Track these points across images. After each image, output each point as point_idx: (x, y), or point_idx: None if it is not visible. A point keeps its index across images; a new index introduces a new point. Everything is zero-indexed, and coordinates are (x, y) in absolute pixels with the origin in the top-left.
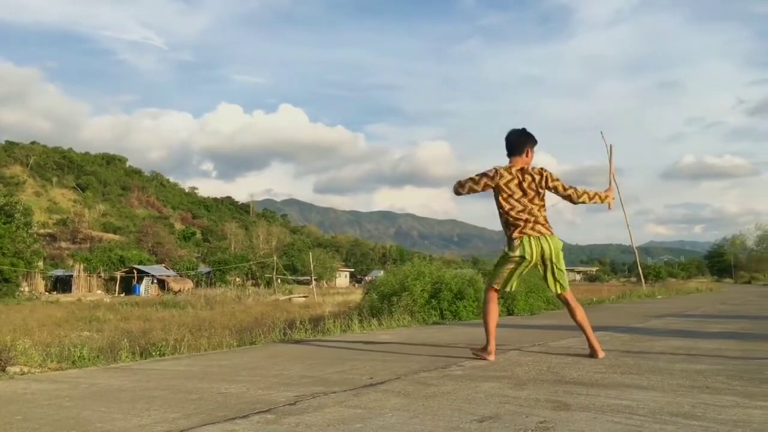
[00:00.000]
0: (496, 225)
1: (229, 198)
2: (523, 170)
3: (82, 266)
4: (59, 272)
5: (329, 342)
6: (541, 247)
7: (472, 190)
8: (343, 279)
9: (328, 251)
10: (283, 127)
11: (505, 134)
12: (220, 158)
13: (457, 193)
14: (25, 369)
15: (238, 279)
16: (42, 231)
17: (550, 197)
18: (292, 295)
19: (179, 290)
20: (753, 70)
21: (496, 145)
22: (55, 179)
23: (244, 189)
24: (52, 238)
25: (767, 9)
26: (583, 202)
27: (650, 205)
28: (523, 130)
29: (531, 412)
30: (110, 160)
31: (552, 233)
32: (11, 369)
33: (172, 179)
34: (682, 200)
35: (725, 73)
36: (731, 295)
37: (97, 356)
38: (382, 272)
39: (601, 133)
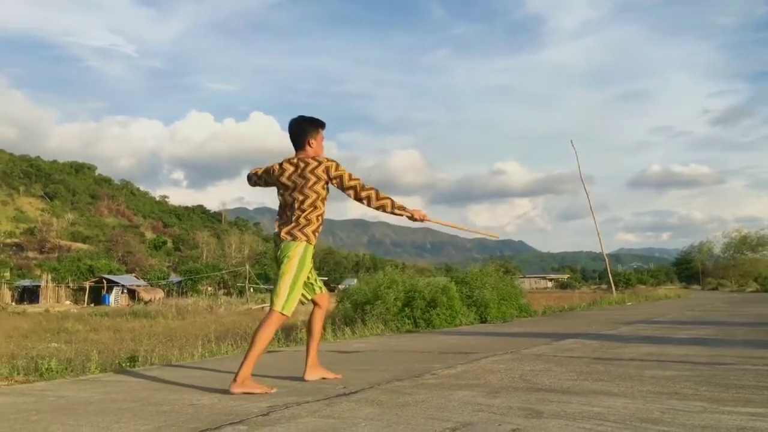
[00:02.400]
0: (467, 233)
1: (200, 206)
2: (302, 158)
3: (50, 276)
4: (26, 282)
5: (302, 351)
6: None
7: (257, 185)
8: None
9: None
10: (255, 135)
11: (469, 142)
12: (190, 166)
13: (250, 183)
14: None
15: (210, 288)
16: (8, 240)
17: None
18: (264, 305)
19: (150, 300)
20: (716, 81)
21: (465, 153)
22: (22, 188)
23: (215, 197)
24: (19, 247)
25: (729, 21)
26: (380, 208)
27: (619, 213)
28: (302, 117)
29: (504, 419)
30: (79, 168)
31: (294, 238)
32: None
33: (142, 188)
34: (650, 208)
35: (689, 83)
36: (699, 301)
37: (66, 368)
38: (355, 281)
39: (572, 141)
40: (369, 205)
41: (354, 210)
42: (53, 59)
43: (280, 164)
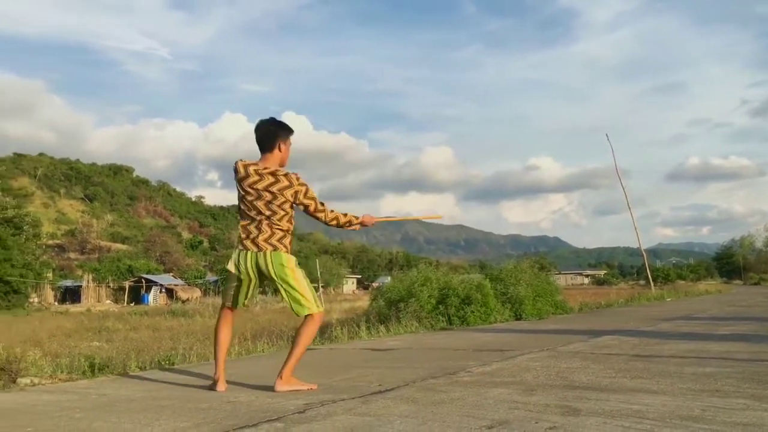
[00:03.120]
0: (502, 229)
1: (235, 206)
2: (273, 172)
3: (90, 276)
4: (68, 283)
5: (337, 349)
6: (257, 263)
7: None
8: (350, 286)
9: (335, 258)
10: None
11: (502, 138)
12: (225, 167)
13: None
14: (36, 380)
15: None
16: (51, 242)
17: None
18: None
19: (187, 299)
20: (755, 71)
21: (498, 149)
22: (63, 190)
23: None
24: (61, 249)
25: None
26: (333, 223)
27: (657, 208)
28: (272, 120)
29: (540, 417)
30: (117, 171)
31: (275, 248)
32: (22, 380)
33: (178, 189)
34: (689, 202)
35: (728, 74)
36: (740, 296)
37: (107, 366)
38: (389, 278)
39: (607, 135)
40: (323, 221)
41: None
42: (90, 64)
43: (245, 166)
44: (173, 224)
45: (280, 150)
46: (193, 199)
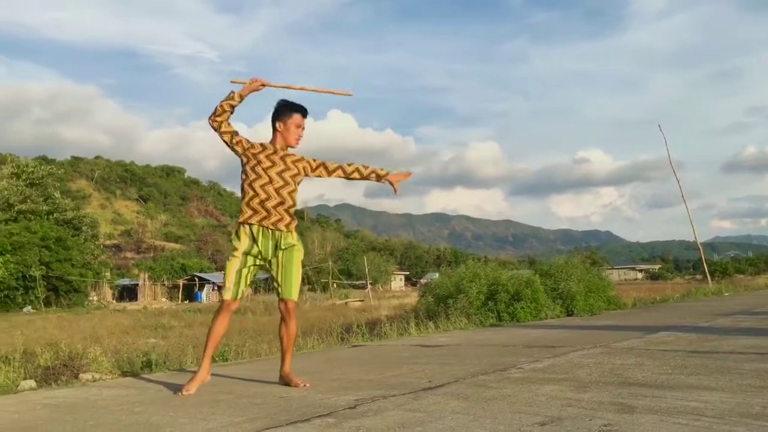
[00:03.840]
0: (552, 224)
1: None
2: (283, 156)
3: (146, 275)
4: (125, 281)
5: (386, 346)
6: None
7: (224, 128)
8: (398, 282)
9: (383, 255)
10: (333, 132)
11: (550, 132)
12: None
13: (214, 123)
14: (97, 376)
15: None
16: (108, 242)
17: None
18: (348, 300)
19: None
20: None
21: (546, 143)
22: (118, 192)
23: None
24: (118, 248)
25: None
26: (356, 178)
27: (713, 199)
28: (281, 100)
29: (594, 414)
30: (169, 172)
31: (293, 234)
32: (83, 376)
33: (228, 188)
34: (746, 193)
35: None
36: None
37: (164, 362)
38: (437, 275)
39: (659, 126)
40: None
41: (434, 204)
42: (142, 68)
43: (256, 144)
44: (224, 223)
45: (278, 129)
46: None
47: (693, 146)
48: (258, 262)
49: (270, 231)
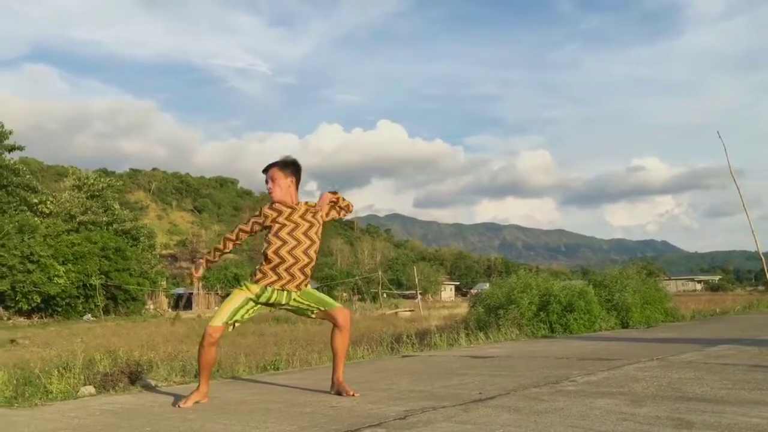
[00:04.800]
0: (605, 234)
1: None
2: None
3: (200, 284)
4: (180, 290)
5: (436, 356)
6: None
7: (239, 240)
8: (448, 292)
9: (432, 265)
10: (382, 142)
11: (603, 139)
12: (322, 176)
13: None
14: (153, 382)
15: (344, 294)
16: (164, 252)
17: None
18: (397, 309)
19: None
20: None
21: (599, 151)
22: (174, 203)
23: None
24: (173, 258)
25: None
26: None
27: None
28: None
29: (651, 430)
30: (223, 183)
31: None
32: (140, 383)
33: None
34: None
35: None
36: None
37: (217, 370)
38: (487, 285)
39: (718, 132)
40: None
41: (484, 213)
42: (197, 82)
43: (268, 211)
44: None
45: (268, 183)
46: None
47: (754, 153)
48: (261, 308)
49: (286, 292)
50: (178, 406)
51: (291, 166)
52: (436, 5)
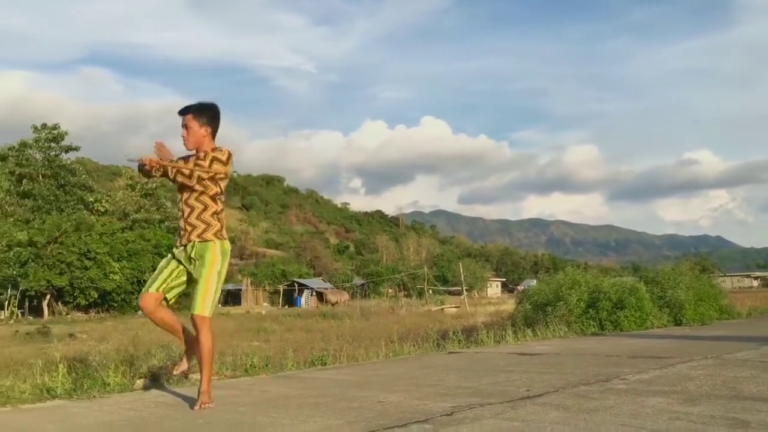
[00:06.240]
0: (657, 229)
1: (378, 212)
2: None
3: (249, 280)
4: (229, 286)
5: (483, 353)
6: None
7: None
8: (494, 289)
9: (478, 261)
10: (426, 139)
11: (653, 132)
12: (367, 173)
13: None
14: None
15: (390, 290)
16: None
17: None
18: (443, 306)
19: (336, 302)
20: None
21: (649, 144)
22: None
23: (391, 202)
24: None
25: None
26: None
27: None
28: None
29: (705, 429)
30: (270, 181)
31: (204, 239)
32: (193, 376)
33: (325, 196)
34: None
35: None
36: None
37: (266, 365)
38: (534, 281)
39: None
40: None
41: (531, 209)
42: (244, 82)
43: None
44: (321, 230)
45: (184, 128)
46: (339, 206)
47: None
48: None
49: (186, 246)
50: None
51: (207, 114)
52: (478, 1)
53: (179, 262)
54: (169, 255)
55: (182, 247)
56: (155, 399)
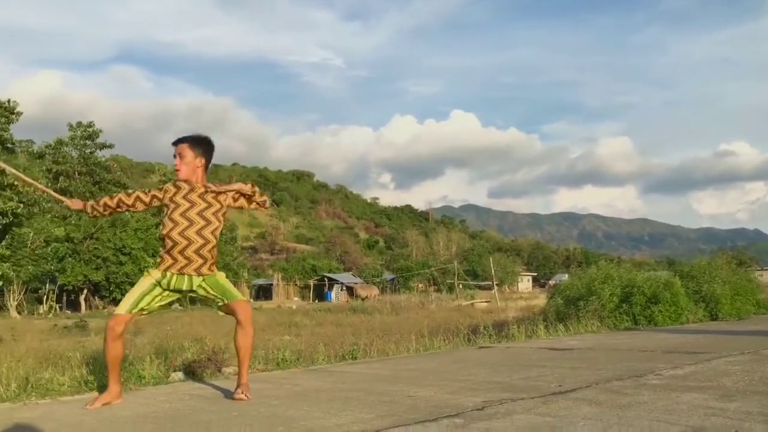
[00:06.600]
0: (692, 223)
1: (408, 206)
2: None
3: (280, 275)
4: (261, 281)
5: (514, 347)
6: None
7: (123, 206)
8: (525, 283)
9: (509, 255)
10: (456, 133)
11: (688, 124)
12: (396, 168)
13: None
14: (237, 369)
15: (420, 285)
16: (245, 244)
17: None
18: (474, 301)
19: (366, 297)
20: None
21: (684, 136)
22: None
23: (421, 197)
24: (254, 250)
25: None
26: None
27: None
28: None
29: (741, 426)
30: (299, 176)
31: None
32: (226, 369)
33: (354, 191)
34: None
35: None
36: None
37: (297, 359)
38: (566, 276)
39: None
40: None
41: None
42: (273, 78)
43: (170, 186)
44: (351, 225)
45: (175, 160)
46: (369, 201)
47: None
48: (172, 295)
49: (187, 276)
50: (85, 408)
51: (203, 145)
52: None
53: (165, 290)
54: (153, 280)
55: (176, 275)
56: (189, 392)
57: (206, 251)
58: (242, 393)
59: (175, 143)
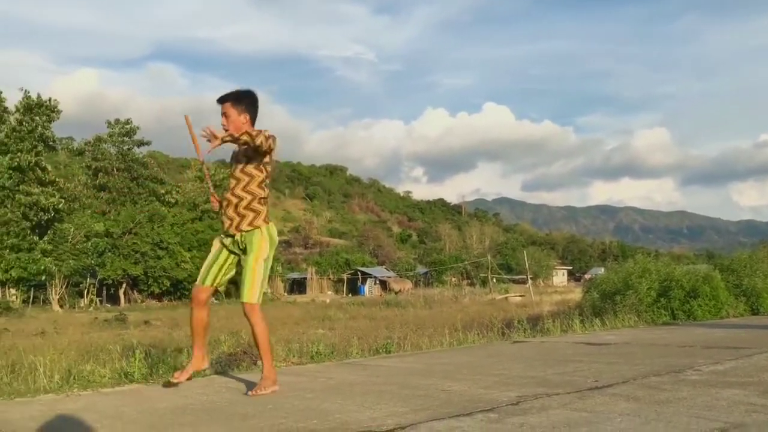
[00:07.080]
0: (732, 215)
1: (441, 200)
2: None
3: (313, 269)
4: (295, 275)
5: (549, 342)
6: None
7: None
8: (560, 277)
9: (543, 249)
10: (488, 126)
11: (727, 114)
12: (429, 162)
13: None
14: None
15: (453, 279)
16: (279, 238)
17: None
18: (508, 295)
19: (399, 290)
20: None
21: (723, 126)
22: (287, 191)
23: (454, 190)
24: (288, 244)
25: None
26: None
27: None
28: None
29: None
30: (332, 171)
31: (254, 226)
32: (260, 362)
33: (387, 185)
34: None
35: None
36: None
37: (331, 352)
38: (602, 270)
39: None
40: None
41: (598, 195)
42: (305, 74)
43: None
44: (384, 219)
45: (222, 118)
46: (402, 195)
47: None
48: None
49: (231, 237)
50: (170, 381)
51: (244, 101)
52: None
53: (230, 251)
54: (219, 244)
55: (230, 237)
56: (225, 384)
57: (242, 208)
58: (256, 389)
59: (219, 102)
